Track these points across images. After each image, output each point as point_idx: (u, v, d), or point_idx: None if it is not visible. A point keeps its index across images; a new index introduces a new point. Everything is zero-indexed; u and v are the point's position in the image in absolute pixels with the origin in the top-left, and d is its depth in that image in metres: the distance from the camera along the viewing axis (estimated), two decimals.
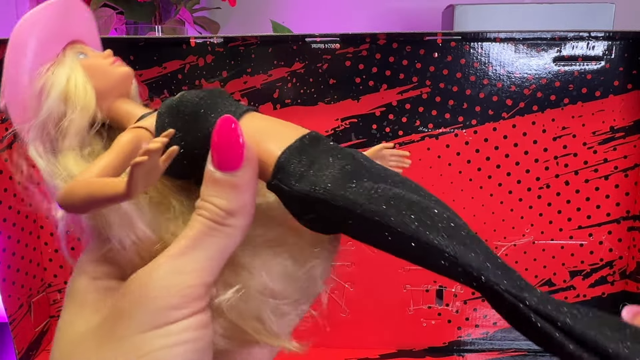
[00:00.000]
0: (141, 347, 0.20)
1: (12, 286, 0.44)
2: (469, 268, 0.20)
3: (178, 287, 0.20)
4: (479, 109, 0.45)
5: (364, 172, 0.21)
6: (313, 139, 0.22)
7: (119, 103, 0.24)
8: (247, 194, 0.21)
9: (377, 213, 0.20)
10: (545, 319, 0.18)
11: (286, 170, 0.21)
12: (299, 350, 0.23)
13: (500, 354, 0.49)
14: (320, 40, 0.44)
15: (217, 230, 0.21)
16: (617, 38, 0.44)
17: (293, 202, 0.21)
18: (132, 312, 0.20)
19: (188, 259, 0.21)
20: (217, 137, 0.21)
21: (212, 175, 0.21)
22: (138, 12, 0.85)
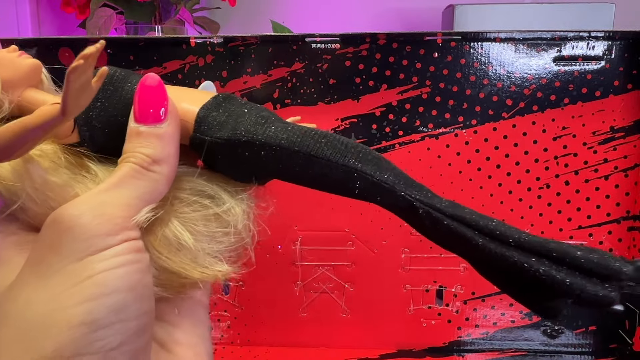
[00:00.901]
0: (80, 274, 0.19)
1: None
2: (385, 184, 0.22)
3: (108, 216, 0.20)
4: (479, 109, 0.45)
5: (276, 118, 0.23)
6: (226, 96, 0.24)
7: (29, 92, 0.24)
8: (172, 145, 0.22)
9: (295, 143, 0.22)
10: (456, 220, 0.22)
11: (206, 122, 0.23)
12: (229, 274, 0.24)
13: (500, 354, 0.49)
14: (320, 40, 0.44)
15: (143, 174, 0.21)
16: (617, 38, 0.44)
17: (218, 152, 0.23)
18: (63, 243, 0.20)
19: (114, 194, 0.21)
20: (142, 90, 0.22)
21: (137, 129, 0.22)
22: (138, 12, 0.85)
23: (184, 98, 0.23)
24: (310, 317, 0.50)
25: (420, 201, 0.23)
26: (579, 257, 0.20)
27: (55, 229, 0.20)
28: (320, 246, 0.48)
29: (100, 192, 0.21)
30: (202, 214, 0.23)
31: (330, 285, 0.49)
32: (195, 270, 0.23)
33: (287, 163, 0.23)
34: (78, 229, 0.20)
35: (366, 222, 0.47)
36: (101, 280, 0.19)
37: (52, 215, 0.20)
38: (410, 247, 0.48)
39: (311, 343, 0.50)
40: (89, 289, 0.19)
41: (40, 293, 0.19)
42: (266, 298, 0.49)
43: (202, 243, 0.23)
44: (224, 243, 0.24)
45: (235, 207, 0.24)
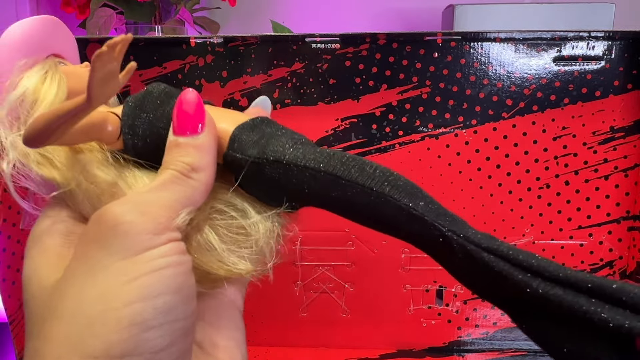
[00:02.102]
0: (128, 272, 0.20)
1: (12, 286, 0.44)
2: (414, 211, 0.22)
3: (152, 215, 0.21)
4: (479, 109, 0.45)
5: (307, 141, 0.24)
6: (264, 119, 0.25)
7: None
8: (209, 155, 0.23)
9: (322, 163, 0.22)
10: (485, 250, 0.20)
11: (239, 140, 0.24)
12: (252, 271, 0.25)
13: (500, 354, 0.49)
14: (320, 40, 0.44)
15: (183, 180, 0.22)
16: (617, 38, 0.44)
17: (248, 172, 0.24)
18: (110, 239, 0.20)
19: (156, 196, 0.22)
20: (180, 103, 0.23)
21: (176, 141, 0.23)
22: (138, 12, 0.85)
23: (224, 118, 0.25)
24: (310, 317, 0.50)
25: (453, 232, 0.21)
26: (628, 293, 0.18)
27: (101, 225, 0.20)
28: (320, 246, 0.48)
29: (144, 193, 0.22)
30: (230, 223, 0.25)
31: (330, 285, 0.49)
32: (220, 268, 0.24)
33: (311, 184, 0.22)
34: (124, 225, 0.20)
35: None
36: (150, 281, 0.20)
37: (98, 212, 0.21)
38: (410, 247, 0.47)
39: (311, 343, 0.50)
40: (138, 290, 0.19)
41: (89, 290, 0.19)
42: (266, 298, 0.49)
43: (226, 245, 0.24)
44: (247, 250, 0.25)
45: (259, 223, 0.25)
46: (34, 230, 0.24)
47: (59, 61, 0.27)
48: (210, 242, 0.24)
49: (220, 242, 0.24)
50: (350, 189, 0.22)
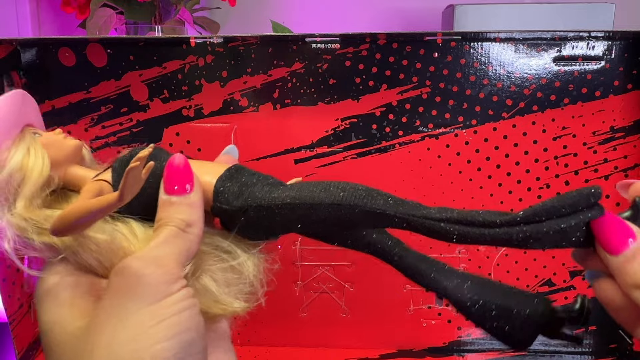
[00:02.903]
0: (154, 316, 0.23)
1: (12, 286, 0.44)
2: (377, 210, 0.26)
3: (166, 268, 0.24)
4: (479, 109, 0.45)
5: (281, 183, 0.28)
6: (237, 168, 0.29)
7: (72, 169, 0.29)
8: (199, 211, 0.27)
9: (295, 197, 0.26)
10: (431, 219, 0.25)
11: (223, 193, 0.27)
12: (247, 309, 0.29)
13: (500, 354, 0.49)
14: (320, 40, 0.44)
15: (181, 235, 0.26)
16: (617, 38, 0.44)
17: (234, 217, 0.27)
18: (134, 289, 0.23)
19: (163, 251, 0.25)
20: (171, 169, 0.27)
21: (169, 200, 0.27)
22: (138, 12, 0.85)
23: (204, 171, 0.28)
24: (310, 317, 0.50)
25: (412, 215, 0.26)
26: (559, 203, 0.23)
27: (124, 277, 0.24)
28: (320, 246, 0.48)
29: (153, 248, 0.25)
30: (221, 266, 0.28)
31: (330, 285, 0.49)
32: (217, 308, 0.28)
33: (292, 217, 0.27)
34: (146, 277, 0.24)
35: None
36: (174, 322, 0.23)
37: (119, 267, 0.24)
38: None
39: (311, 343, 0.50)
40: (166, 330, 0.23)
41: (121, 334, 0.23)
42: (266, 298, 0.49)
43: (221, 287, 0.28)
44: (239, 287, 0.28)
45: (247, 260, 0.28)
46: (43, 285, 0.27)
47: (34, 132, 0.29)
48: (207, 286, 0.27)
49: (216, 285, 0.28)
50: (323, 209, 0.26)
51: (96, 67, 0.46)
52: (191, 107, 0.46)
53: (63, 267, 0.27)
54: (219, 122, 0.47)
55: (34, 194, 0.27)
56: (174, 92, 0.46)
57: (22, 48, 0.45)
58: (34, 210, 0.27)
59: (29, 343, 0.46)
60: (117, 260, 0.26)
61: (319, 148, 0.47)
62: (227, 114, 0.46)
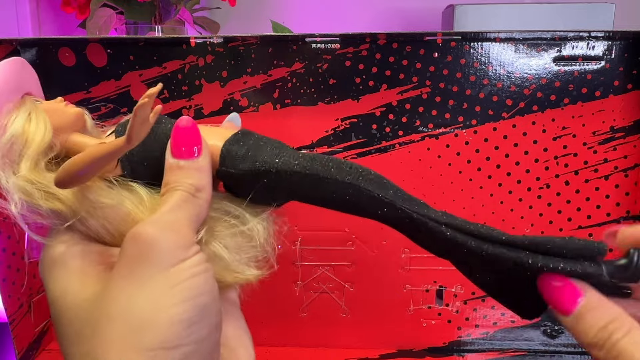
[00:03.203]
0: (171, 280, 0.23)
1: (12, 286, 0.44)
2: (385, 199, 0.26)
3: (181, 233, 0.24)
4: (479, 109, 0.45)
5: (288, 147, 0.28)
6: (244, 132, 0.28)
7: (75, 136, 0.29)
8: (208, 175, 0.27)
9: (306, 167, 0.26)
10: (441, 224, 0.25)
11: (230, 156, 0.27)
12: (260, 276, 0.29)
13: (500, 354, 0.49)
14: (320, 40, 0.44)
15: (191, 200, 0.26)
16: (617, 38, 0.44)
17: (241, 180, 0.27)
18: (150, 255, 0.24)
19: (176, 216, 0.25)
20: (180, 131, 0.26)
21: (177, 164, 0.26)
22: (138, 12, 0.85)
23: (210, 135, 0.27)
24: (310, 317, 0.50)
25: (417, 213, 0.25)
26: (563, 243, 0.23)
27: (140, 244, 0.24)
28: (320, 246, 0.48)
29: (165, 213, 0.25)
30: (231, 231, 0.28)
31: (330, 285, 0.49)
32: (229, 276, 0.27)
33: (299, 186, 0.26)
34: (161, 242, 0.24)
35: (366, 222, 0.47)
36: (190, 285, 0.24)
37: (131, 232, 0.24)
38: (410, 247, 0.48)
39: (311, 343, 0.50)
40: (182, 293, 0.23)
41: (139, 297, 0.23)
42: (266, 298, 0.49)
43: (232, 254, 0.27)
44: (250, 253, 0.28)
45: (257, 225, 0.28)
46: (49, 255, 0.27)
47: (34, 99, 0.29)
48: (218, 253, 0.27)
49: (227, 251, 0.27)
50: (331, 185, 0.26)
51: (96, 67, 0.46)
52: (191, 107, 0.46)
53: (69, 235, 0.27)
54: (219, 122, 0.47)
55: (38, 155, 0.27)
56: (174, 92, 0.46)
57: (22, 48, 0.45)
58: (39, 172, 0.27)
59: (29, 343, 0.46)
60: (125, 227, 0.26)
61: (319, 148, 0.47)
62: (227, 114, 0.46)
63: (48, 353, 0.48)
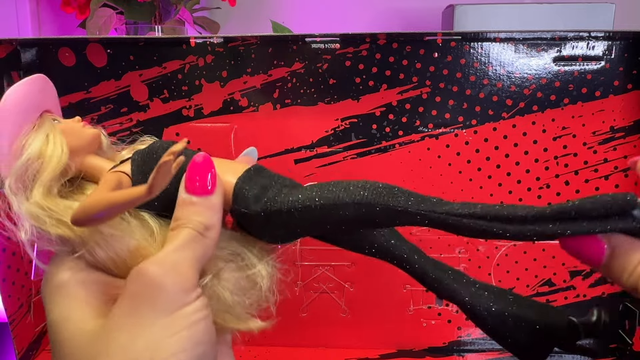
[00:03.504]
0: (171, 327, 0.23)
1: (12, 286, 0.44)
2: (399, 207, 0.25)
3: (185, 276, 0.24)
4: (479, 109, 0.45)
5: (299, 185, 0.28)
6: (257, 169, 0.28)
7: (90, 158, 0.29)
8: (219, 214, 0.26)
9: (315, 199, 0.26)
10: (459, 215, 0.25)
11: (243, 195, 0.27)
12: (264, 326, 0.29)
13: (500, 354, 0.49)
14: (320, 40, 0.44)
15: (199, 239, 0.25)
16: (617, 38, 0.44)
17: (253, 220, 0.27)
18: (153, 297, 0.24)
19: (182, 255, 0.25)
20: (195, 167, 0.26)
21: (189, 200, 0.26)
22: (138, 12, 0.85)
23: (224, 170, 0.27)
24: (310, 317, 0.50)
25: (434, 211, 0.25)
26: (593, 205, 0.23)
27: (144, 284, 0.24)
28: (320, 246, 0.48)
29: (171, 252, 0.25)
30: (236, 275, 0.28)
31: (330, 285, 0.49)
32: (230, 320, 0.28)
33: (312, 219, 0.26)
34: (165, 286, 0.24)
35: None
36: (189, 334, 0.24)
37: (136, 270, 0.24)
38: None
39: (311, 343, 0.50)
40: (181, 342, 0.23)
41: (138, 341, 0.23)
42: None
43: (235, 298, 0.27)
44: (252, 298, 0.28)
45: (262, 270, 0.28)
46: (54, 280, 0.26)
47: (53, 118, 0.29)
48: (222, 296, 0.27)
49: (230, 295, 0.27)
50: (343, 210, 0.26)
51: (96, 67, 0.46)
52: (191, 107, 0.46)
53: (75, 263, 0.27)
54: (219, 122, 0.47)
55: (52, 181, 0.27)
56: (174, 92, 0.46)
57: (22, 48, 0.45)
58: (52, 199, 0.27)
59: (29, 343, 0.46)
60: (132, 260, 0.26)
61: (319, 148, 0.47)
62: (227, 114, 0.46)
63: (48, 353, 0.48)
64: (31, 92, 0.28)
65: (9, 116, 0.27)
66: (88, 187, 0.29)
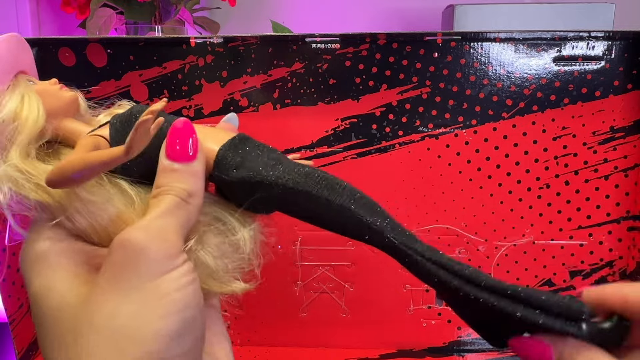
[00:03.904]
0: (158, 291, 0.23)
1: (12, 286, 0.44)
2: (374, 226, 0.25)
3: (170, 242, 0.24)
4: (479, 109, 0.45)
5: (284, 158, 0.27)
6: (242, 138, 0.28)
7: (67, 122, 0.28)
8: (201, 180, 0.26)
9: (299, 184, 0.26)
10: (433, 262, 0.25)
11: (224, 163, 0.26)
12: (247, 288, 0.28)
13: (500, 354, 0.49)
14: (320, 40, 0.44)
15: (183, 206, 0.25)
16: (617, 38, 0.44)
17: (234, 187, 0.27)
18: (138, 264, 0.23)
19: (166, 221, 0.24)
20: (176, 132, 0.26)
21: (171, 166, 0.25)
22: (138, 12, 0.85)
23: (207, 137, 0.27)
24: (310, 317, 0.50)
25: (404, 244, 0.25)
26: (546, 300, 0.23)
27: (128, 250, 0.23)
28: (320, 246, 0.48)
29: (155, 219, 0.24)
30: (219, 239, 0.27)
31: (330, 285, 0.49)
32: (215, 284, 0.27)
33: (290, 200, 0.26)
34: (150, 251, 0.23)
35: None
36: (177, 297, 0.23)
37: (120, 238, 0.23)
38: None
39: (311, 343, 0.50)
40: (169, 306, 0.23)
41: (124, 307, 0.23)
42: (266, 298, 0.49)
43: (218, 262, 0.27)
44: (236, 262, 0.28)
45: (245, 234, 0.28)
46: (33, 250, 0.25)
47: (28, 79, 0.28)
48: (206, 261, 0.26)
49: (213, 259, 0.27)
50: (322, 205, 0.26)
51: (96, 67, 0.46)
52: (191, 107, 0.46)
53: (54, 232, 0.26)
54: (218, 122, 0.47)
55: (29, 144, 0.26)
56: (174, 92, 0.46)
57: None
58: (30, 162, 0.25)
59: (29, 343, 0.46)
60: (113, 228, 0.26)
61: (319, 148, 0.47)
62: (227, 114, 0.46)
63: None
64: (4, 54, 0.27)
65: None
66: (64, 151, 0.28)
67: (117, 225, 0.26)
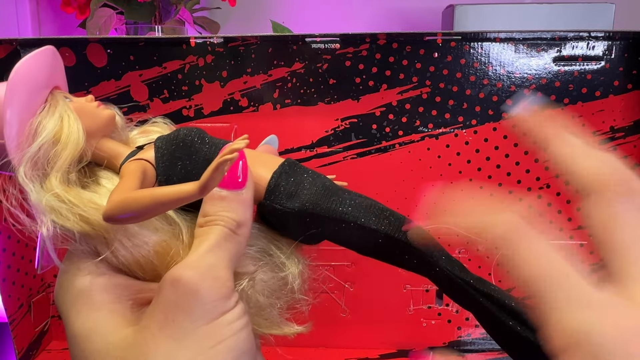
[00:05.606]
0: (212, 337, 0.22)
1: (12, 286, 0.44)
2: (427, 257, 0.25)
3: (222, 280, 0.23)
4: (479, 109, 0.45)
5: (337, 188, 0.26)
6: (290, 163, 0.26)
7: (106, 142, 0.26)
8: (251, 209, 0.24)
9: (358, 219, 0.25)
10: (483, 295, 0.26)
11: (277, 191, 0.25)
12: (300, 331, 0.28)
13: (500, 354, 0.49)
14: (320, 40, 0.44)
15: (232, 237, 0.23)
16: (617, 38, 0.44)
17: (286, 219, 0.25)
18: (191, 306, 0.22)
19: (217, 256, 0.23)
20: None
21: (219, 194, 0.24)
22: (138, 12, 0.85)
23: (256, 163, 0.25)
24: (310, 317, 0.50)
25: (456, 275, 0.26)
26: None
27: (179, 291, 0.22)
28: (320, 246, 0.48)
29: (205, 254, 0.23)
30: (268, 276, 0.26)
31: (330, 285, 0.49)
32: (265, 325, 0.26)
33: (343, 232, 0.25)
34: (203, 292, 0.22)
35: None
36: (233, 343, 0.22)
37: (170, 277, 0.22)
38: None
39: (311, 343, 0.50)
40: (225, 352, 0.22)
41: (179, 353, 0.22)
42: None
43: (268, 301, 0.25)
44: (283, 299, 0.26)
45: (294, 269, 0.26)
46: (74, 286, 0.24)
47: (65, 96, 0.26)
48: (256, 300, 0.25)
49: (264, 299, 0.25)
50: (374, 236, 0.25)
51: (96, 67, 0.46)
52: (191, 107, 0.46)
53: (95, 265, 0.24)
54: (219, 122, 0.47)
55: (69, 168, 0.24)
56: (174, 92, 0.46)
57: (22, 48, 0.45)
58: (72, 189, 0.24)
59: (29, 343, 0.46)
60: (159, 261, 0.24)
61: (319, 148, 0.47)
62: (227, 114, 0.46)
63: (48, 353, 0.48)
64: (41, 69, 0.25)
65: (18, 94, 0.23)
66: (102, 174, 0.26)
67: (163, 258, 0.24)
